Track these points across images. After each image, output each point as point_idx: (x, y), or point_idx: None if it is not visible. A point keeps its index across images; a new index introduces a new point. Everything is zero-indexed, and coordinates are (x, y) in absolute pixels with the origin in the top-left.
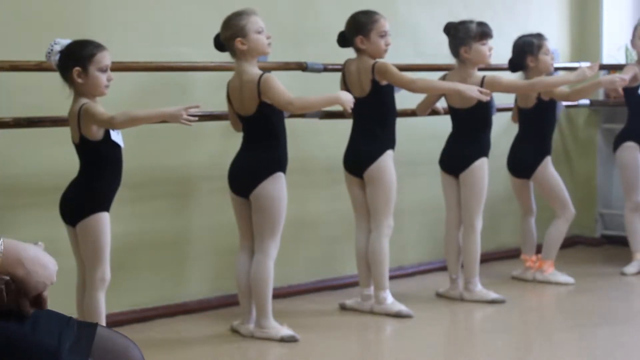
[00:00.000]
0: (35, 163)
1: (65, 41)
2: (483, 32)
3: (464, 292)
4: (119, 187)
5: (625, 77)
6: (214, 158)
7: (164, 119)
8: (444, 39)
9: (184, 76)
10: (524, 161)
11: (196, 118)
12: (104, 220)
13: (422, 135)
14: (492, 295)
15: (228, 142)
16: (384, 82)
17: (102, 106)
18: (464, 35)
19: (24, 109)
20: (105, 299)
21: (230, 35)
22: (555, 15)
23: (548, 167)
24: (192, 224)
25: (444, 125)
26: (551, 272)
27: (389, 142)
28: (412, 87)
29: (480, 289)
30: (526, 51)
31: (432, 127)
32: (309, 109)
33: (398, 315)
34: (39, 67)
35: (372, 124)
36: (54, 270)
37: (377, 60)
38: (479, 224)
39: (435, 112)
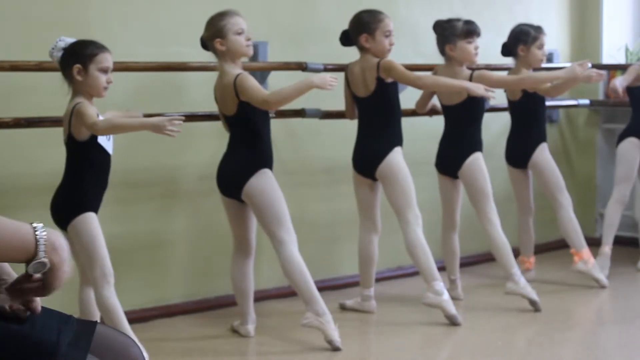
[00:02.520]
0: (35, 163)
1: (70, 39)
2: (468, 31)
3: (510, 284)
4: (106, 189)
5: (601, 72)
6: (213, 158)
7: (146, 129)
8: None
9: (184, 76)
10: (519, 150)
11: (180, 130)
12: (90, 219)
13: (421, 135)
14: (535, 296)
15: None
16: (389, 80)
17: (96, 108)
18: (449, 33)
19: (24, 109)
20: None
21: (210, 36)
22: (555, 15)
23: (544, 153)
24: (192, 224)
25: (443, 125)
26: (593, 265)
27: (396, 140)
28: (419, 84)
29: (525, 283)
30: (520, 39)
31: (431, 127)
32: (285, 102)
33: (450, 319)
34: (39, 67)
35: (378, 122)
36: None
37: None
38: (494, 216)
39: (436, 112)
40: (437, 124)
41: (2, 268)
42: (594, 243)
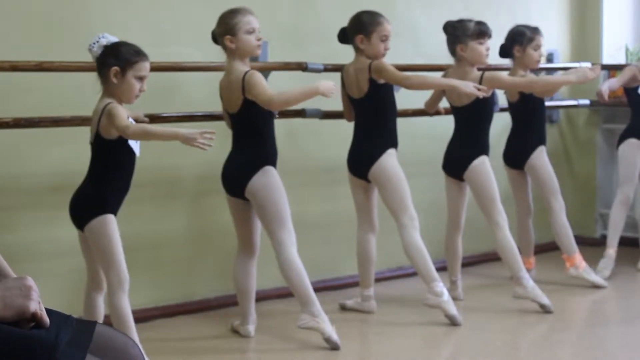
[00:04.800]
0: (35, 163)
1: (113, 38)
2: (480, 31)
3: (517, 288)
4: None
5: (596, 70)
6: (214, 158)
7: (177, 140)
8: (444, 39)
9: (184, 76)
10: (518, 151)
11: (212, 145)
12: (108, 222)
13: (422, 136)
14: (545, 300)
15: (227, 142)
16: (381, 81)
17: (127, 110)
18: (461, 33)
19: (24, 109)
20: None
21: (221, 32)
22: (555, 15)
23: (541, 156)
24: (193, 224)
25: (444, 125)
26: (584, 269)
27: (390, 141)
28: (407, 84)
29: (533, 287)
30: (516, 40)
31: (432, 127)
32: (290, 104)
33: (450, 319)
34: (39, 67)
35: (372, 123)
36: (28, 287)
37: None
38: (501, 219)
39: (436, 112)
40: (438, 124)
41: (1, 270)
42: (594, 243)
